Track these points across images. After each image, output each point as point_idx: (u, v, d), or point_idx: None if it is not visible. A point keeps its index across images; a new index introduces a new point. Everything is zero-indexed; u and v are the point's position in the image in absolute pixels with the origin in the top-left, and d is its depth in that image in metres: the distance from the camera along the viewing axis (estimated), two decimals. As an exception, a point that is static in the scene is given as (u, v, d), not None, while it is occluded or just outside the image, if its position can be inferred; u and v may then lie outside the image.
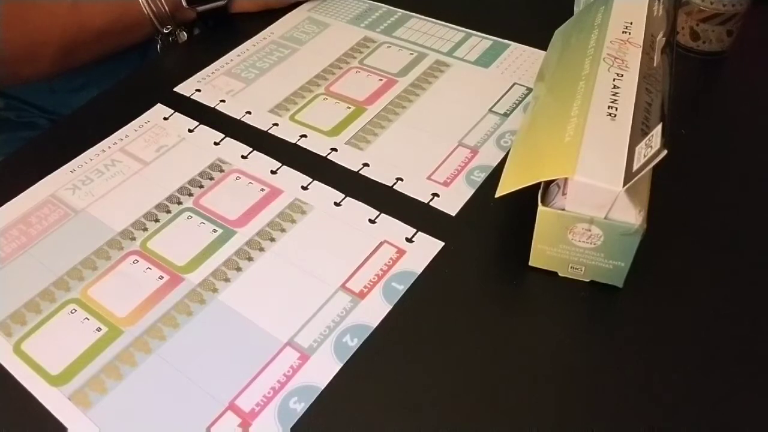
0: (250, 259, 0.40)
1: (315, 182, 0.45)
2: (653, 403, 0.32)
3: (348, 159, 0.46)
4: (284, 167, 0.46)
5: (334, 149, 0.47)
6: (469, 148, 0.46)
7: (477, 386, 0.33)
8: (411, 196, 0.43)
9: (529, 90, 0.51)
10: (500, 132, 0.47)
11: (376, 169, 0.46)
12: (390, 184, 0.44)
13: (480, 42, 0.56)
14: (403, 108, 0.50)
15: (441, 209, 0.42)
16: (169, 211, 0.43)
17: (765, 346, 0.34)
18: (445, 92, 0.52)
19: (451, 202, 0.43)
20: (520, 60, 0.54)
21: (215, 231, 0.42)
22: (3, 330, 0.37)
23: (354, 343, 0.35)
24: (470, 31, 0.57)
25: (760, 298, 0.36)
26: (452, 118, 0.49)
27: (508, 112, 0.49)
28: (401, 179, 0.44)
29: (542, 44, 0.51)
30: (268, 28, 0.60)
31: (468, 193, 0.43)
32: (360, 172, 0.45)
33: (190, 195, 0.44)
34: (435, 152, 0.46)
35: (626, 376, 0.33)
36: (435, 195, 0.43)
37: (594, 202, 0.33)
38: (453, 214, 0.42)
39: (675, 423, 0.31)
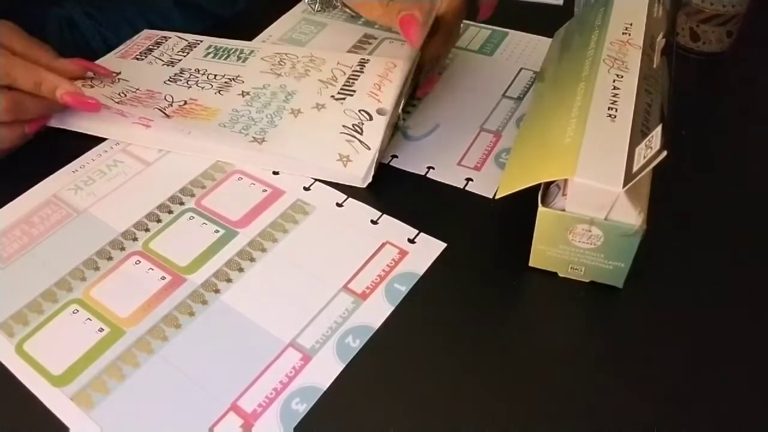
0: (252, 259, 0.40)
1: (317, 183, 0.45)
2: (653, 403, 0.32)
3: None
4: (285, 168, 0.46)
5: None
6: (492, 132, 0.48)
7: (478, 386, 0.33)
8: (444, 182, 0.44)
9: (536, 74, 0.51)
10: (518, 115, 0.49)
11: (406, 159, 0.46)
12: (422, 173, 0.45)
13: (479, 32, 0.57)
14: (419, 98, 0.51)
15: (478, 193, 0.43)
16: (171, 212, 0.43)
17: (765, 345, 0.34)
18: (457, 81, 0.53)
19: (486, 185, 0.43)
20: (522, 46, 0.55)
21: (217, 232, 0.42)
22: (5, 330, 0.37)
23: (356, 344, 0.35)
24: (466, 21, 0.57)
25: (760, 298, 0.36)
26: (469, 105, 0.50)
27: (521, 96, 0.50)
28: (432, 168, 0.45)
29: (540, 32, 0.52)
30: (265, 31, 0.60)
31: (500, 174, 0.44)
32: (390, 163, 0.46)
33: (192, 196, 0.45)
34: (459, 139, 0.47)
35: (626, 376, 0.33)
36: (469, 180, 0.44)
37: (594, 203, 0.33)
38: (490, 196, 0.43)
39: (675, 423, 0.32)
